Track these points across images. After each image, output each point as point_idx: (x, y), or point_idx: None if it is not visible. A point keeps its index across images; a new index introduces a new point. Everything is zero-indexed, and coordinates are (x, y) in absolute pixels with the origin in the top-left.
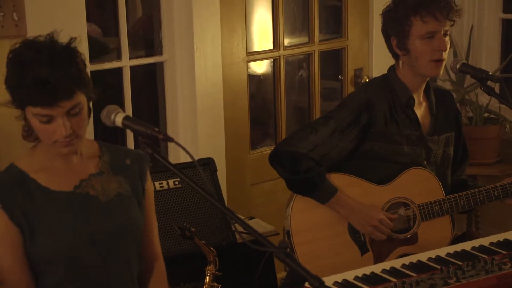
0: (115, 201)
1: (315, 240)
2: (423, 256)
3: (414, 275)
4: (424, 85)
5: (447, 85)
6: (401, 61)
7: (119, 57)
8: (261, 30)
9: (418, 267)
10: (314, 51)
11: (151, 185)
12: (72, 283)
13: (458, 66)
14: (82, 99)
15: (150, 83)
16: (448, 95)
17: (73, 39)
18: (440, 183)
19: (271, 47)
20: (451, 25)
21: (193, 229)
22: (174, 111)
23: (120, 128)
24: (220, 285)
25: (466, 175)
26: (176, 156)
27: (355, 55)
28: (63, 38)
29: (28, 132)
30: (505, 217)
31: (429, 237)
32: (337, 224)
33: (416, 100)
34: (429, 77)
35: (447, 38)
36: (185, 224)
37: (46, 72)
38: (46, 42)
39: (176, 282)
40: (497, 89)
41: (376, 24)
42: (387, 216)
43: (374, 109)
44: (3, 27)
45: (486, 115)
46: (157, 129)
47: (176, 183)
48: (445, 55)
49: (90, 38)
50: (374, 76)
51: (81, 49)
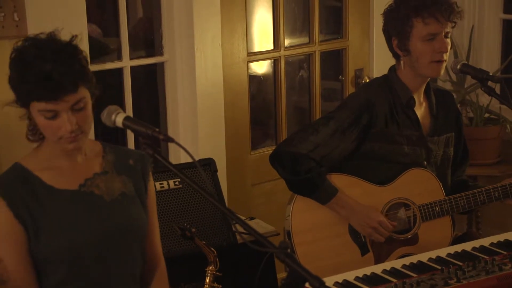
0: (120, 200)
1: (315, 240)
2: (423, 257)
3: (414, 275)
4: (424, 86)
5: (448, 86)
6: (402, 62)
7: (119, 58)
8: (262, 31)
9: (419, 267)
10: (315, 51)
11: (153, 186)
12: (74, 283)
13: (458, 67)
14: (86, 93)
15: (150, 84)
16: (448, 95)
17: (74, 36)
18: (441, 184)
19: (271, 47)
20: (453, 27)
21: (193, 230)
22: (175, 111)
23: (120, 129)
24: (221, 286)
25: (466, 176)
26: (177, 156)
27: (355, 56)
28: (64, 37)
29: (33, 131)
30: (505, 217)
31: (429, 237)
32: (338, 224)
33: (416, 101)
34: (429, 78)
35: (448, 40)
36: (185, 224)
37: (50, 67)
38: (48, 39)
39: (177, 282)
40: (497, 90)
41: (377, 25)
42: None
43: (375, 109)
44: (3, 27)
45: (486, 115)
46: (157, 129)
47: (177, 183)
48: (446, 56)
49: (90, 38)
50: (374, 76)
51: (82, 47)
